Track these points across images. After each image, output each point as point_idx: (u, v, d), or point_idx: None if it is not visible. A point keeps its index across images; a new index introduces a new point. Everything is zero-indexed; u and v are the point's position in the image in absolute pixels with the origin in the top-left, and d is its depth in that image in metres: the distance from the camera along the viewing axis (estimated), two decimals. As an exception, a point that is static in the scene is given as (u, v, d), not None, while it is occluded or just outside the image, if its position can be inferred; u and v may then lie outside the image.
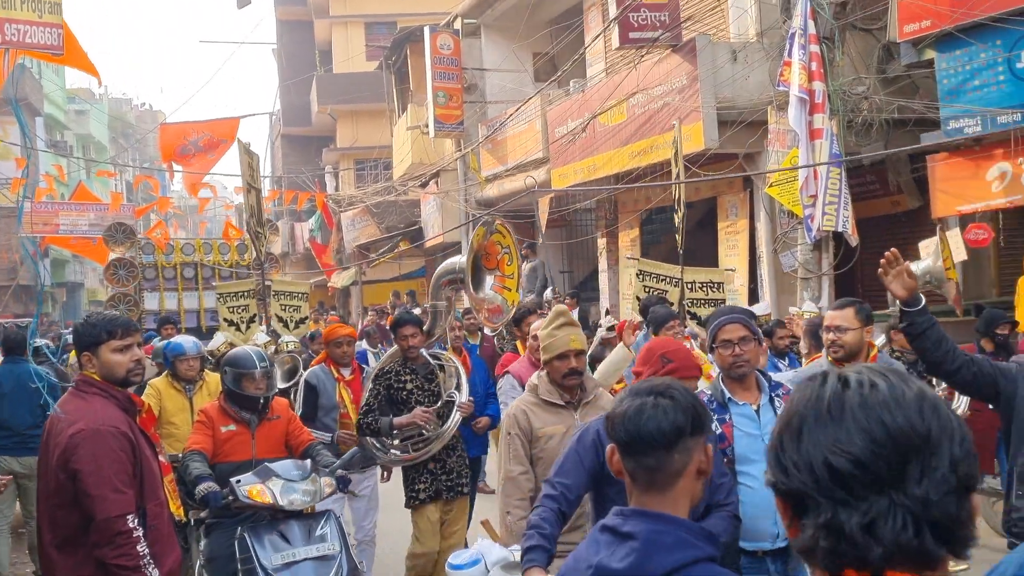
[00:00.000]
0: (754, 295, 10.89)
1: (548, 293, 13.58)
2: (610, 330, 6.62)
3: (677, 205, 8.67)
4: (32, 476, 5.83)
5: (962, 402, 6.51)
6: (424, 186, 19.54)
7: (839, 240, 9.53)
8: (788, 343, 7.15)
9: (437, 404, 5.57)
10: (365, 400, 5.65)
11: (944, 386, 6.17)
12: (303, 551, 4.24)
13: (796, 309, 8.62)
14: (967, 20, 8.21)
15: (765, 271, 10.58)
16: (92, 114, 40.19)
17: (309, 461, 4.62)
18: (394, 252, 21.59)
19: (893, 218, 11.13)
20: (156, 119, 43.69)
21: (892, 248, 3.56)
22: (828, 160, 8.89)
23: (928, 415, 1.06)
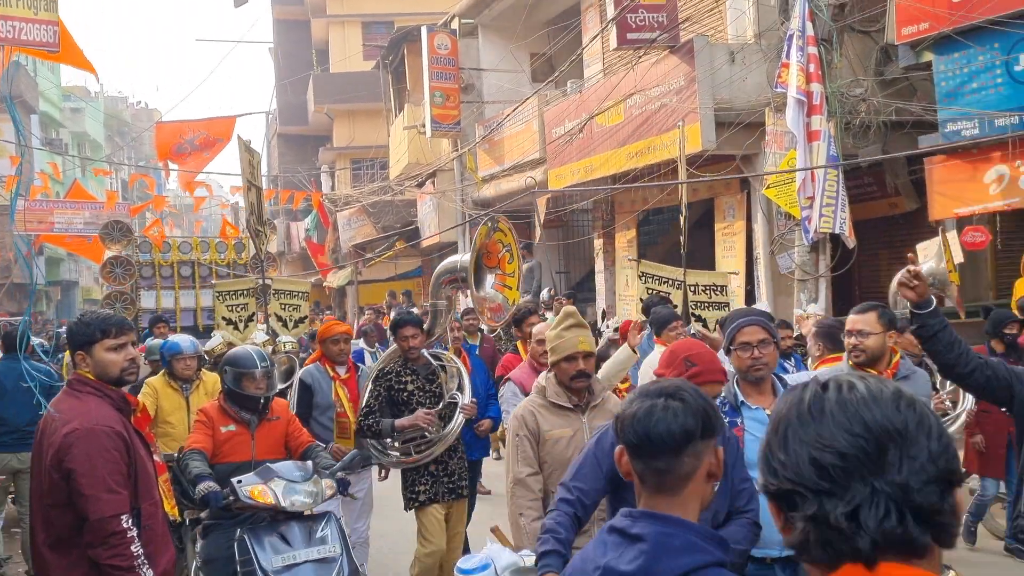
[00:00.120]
0: (751, 297, 10.88)
1: (545, 294, 13.56)
2: (616, 331, 6.59)
3: (682, 207, 8.66)
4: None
5: (967, 402, 6.48)
6: (420, 186, 19.51)
7: (836, 242, 9.53)
8: (792, 344, 7.00)
9: (439, 406, 5.49)
10: (365, 401, 5.56)
11: (950, 387, 6.13)
12: (303, 553, 4.19)
13: (801, 311, 8.57)
14: (965, 23, 8.21)
15: (762, 273, 10.58)
16: (88, 112, 40.12)
17: (311, 463, 4.57)
18: (390, 252, 21.57)
19: (890, 220, 11.13)
20: (152, 117, 43.59)
21: (914, 267, 3.49)
22: (825, 162, 8.90)
23: (904, 410, 1.11)
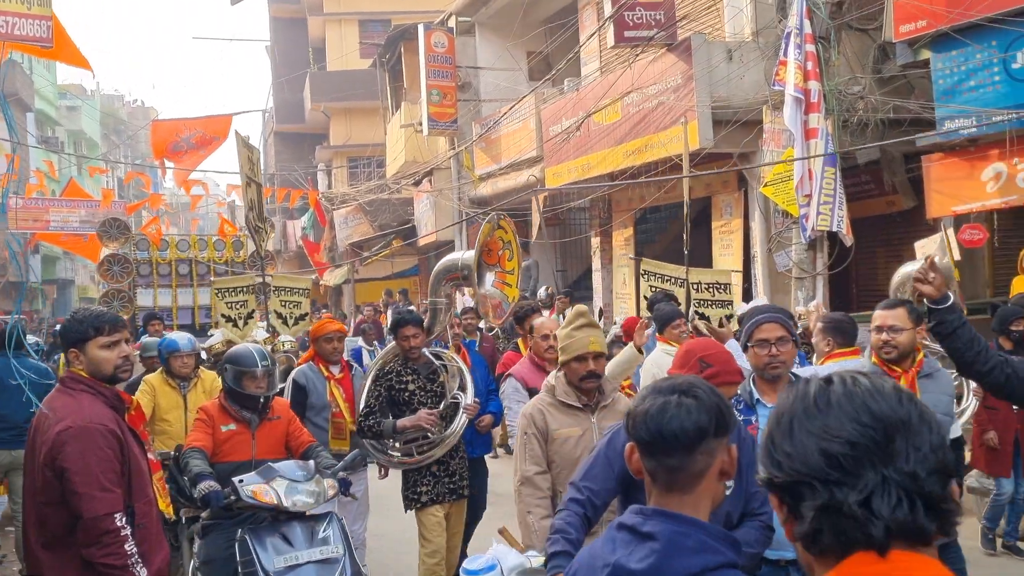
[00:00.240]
0: (748, 295, 10.86)
1: (543, 292, 13.54)
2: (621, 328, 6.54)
3: (685, 204, 8.63)
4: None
5: (971, 401, 6.46)
6: (417, 184, 19.49)
7: (834, 240, 9.51)
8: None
9: (441, 406, 5.42)
10: (365, 402, 5.49)
11: (954, 381, 6.08)
12: (306, 554, 4.15)
13: (803, 307, 8.51)
14: (963, 20, 8.20)
15: (759, 271, 10.57)
16: (84, 110, 40.07)
17: (312, 462, 4.53)
18: (387, 250, 21.54)
19: (888, 218, 11.12)
20: (148, 116, 43.47)
21: (929, 259, 3.47)
22: (823, 160, 8.88)
23: (906, 404, 1.16)
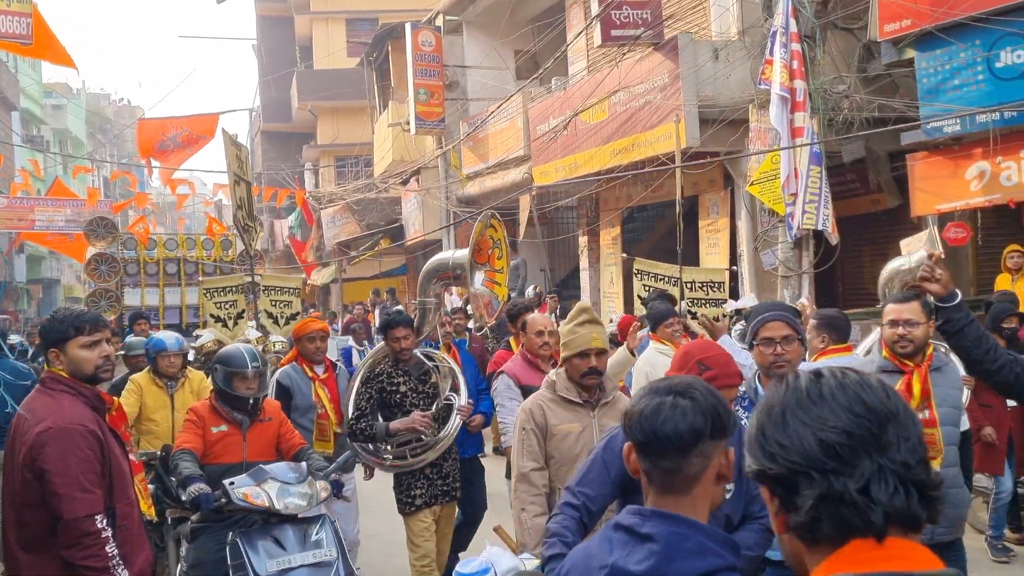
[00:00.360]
0: (734, 293, 10.90)
1: (530, 291, 13.54)
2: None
3: (677, 202, 8.66)
4: None
5: (965, 395, 6.48)
6: (405, 183, 19.46)
7: (819, 238, 9.55)
8: None
9: (433, 407, 5.35)
10: (356, 404, 5.41)
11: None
12: (299, 557, 4.08)
13: (803, 300, 8.49)
14: (947, 20, 8.25)
15: (746, 269, 10.61)
16: (69, 109, 39.79)
17: (304, 464, 4.47)
18: (375, 250, 21.50)
19: (873, 217, 11.18)
20: (134, 114, 43.25)
21: (935, 255, 3.46)
22: (809, 159, 8.92)
23: (893, 397, 1.19)
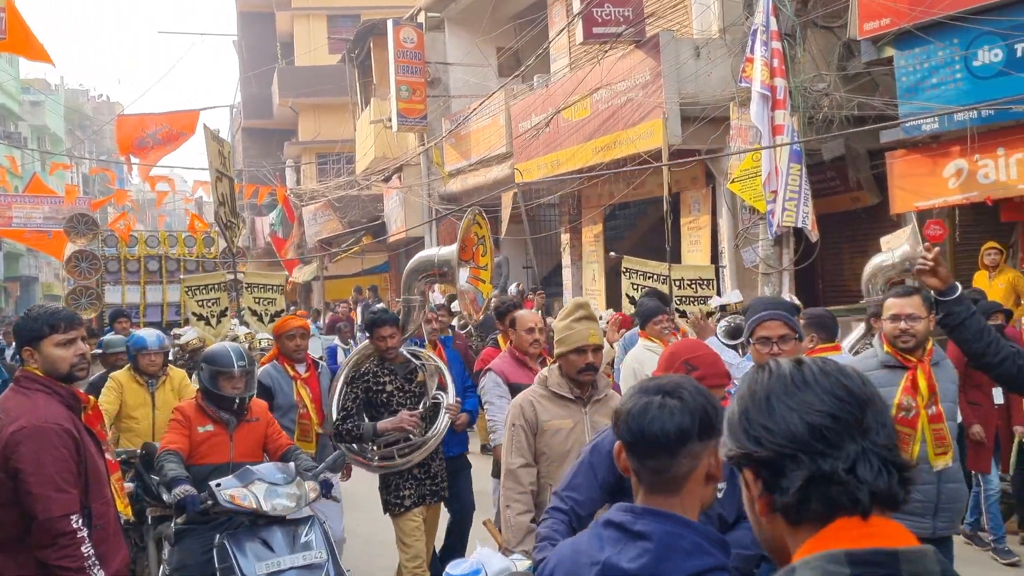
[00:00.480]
0: (716, 290, 10.95)
1: (513, 289, 13.55)
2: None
3: (664, 199, 8.69)
4: None
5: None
6: (387, 181, 19.41)
7: (800, 236, 9.60)
8: None
9: (420, 406, 5.28)
10: (342, 404, 5.33)
11: None
12: (288, 560, 4.01)
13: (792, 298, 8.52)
14: (926, 18, 8.32)
15: (727, 266, 10.65)
16: (48, 105, 39.43)
17: (293, 464, 4.41)
18: (356, 247, 21.44)
19: (853, 214, 11.25)
20: (113, 111, 42.89)
21: (933, 249, 3.45)
22: (789, 157, 8.97)
23: (867, 384, 1.24)
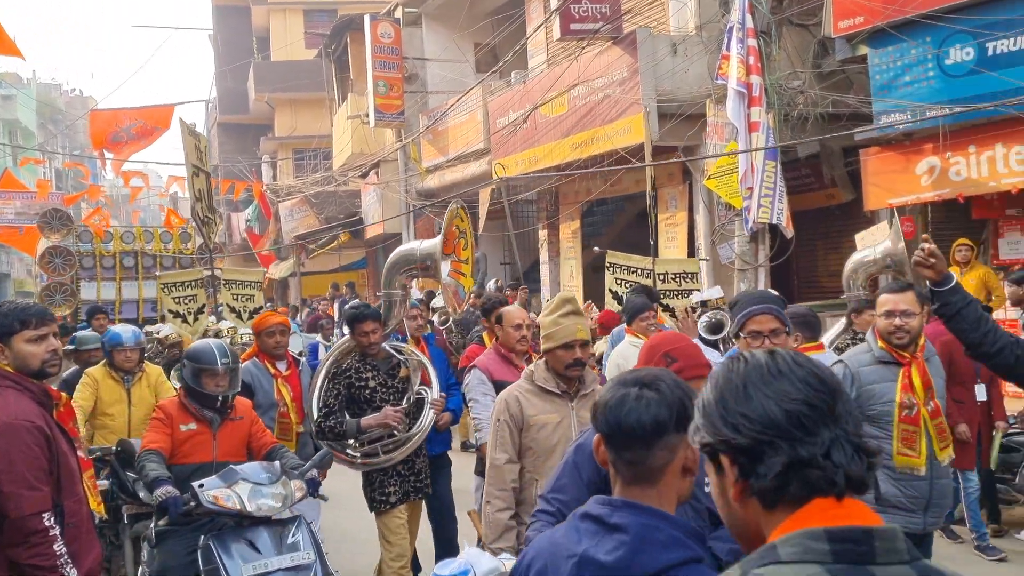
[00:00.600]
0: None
1: (491, 285, 13.56)
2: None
3: (647, 193, 8.72)
4: None
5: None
6: (364, 176, 19.35)
7: (775, 232, 9.68)
8: None
9: (403, 402, 5.21)
10: (323, 401, 5.25)
11: None
12: (275, 561, 3.93)
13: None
14: (899, 17, 8.41)
15: (704, 262, 10.72)
16: (19, 99, 38.92)
17: (278, 463, 4.34)
18: (334, 243, 21.35)
19: (827, 211, 11.36)
20: (87, 105, 42.43)
21: (929, 244, 3.44)
22: (764, 154, 9.03)
23: (834, 376, 1.29)
